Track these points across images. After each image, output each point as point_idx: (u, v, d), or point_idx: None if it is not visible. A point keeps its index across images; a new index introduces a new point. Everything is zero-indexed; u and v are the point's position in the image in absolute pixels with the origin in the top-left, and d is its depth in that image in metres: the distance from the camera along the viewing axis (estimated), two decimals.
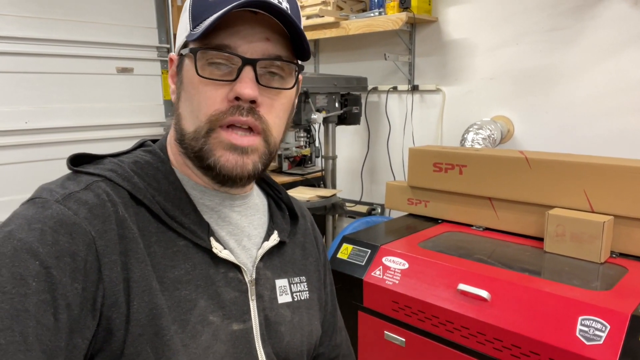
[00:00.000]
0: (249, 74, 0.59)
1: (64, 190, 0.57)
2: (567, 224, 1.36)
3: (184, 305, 0.59)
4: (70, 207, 0.55)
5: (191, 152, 0.62)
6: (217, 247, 0.64)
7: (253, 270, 0.68)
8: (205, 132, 0.61)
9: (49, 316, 0.49)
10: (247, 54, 0.60)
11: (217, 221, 0.67)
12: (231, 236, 0.68)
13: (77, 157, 0.63)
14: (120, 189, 0.60)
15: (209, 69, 0.60)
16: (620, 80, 1.79)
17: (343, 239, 1.56)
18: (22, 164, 2.40)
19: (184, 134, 0.63)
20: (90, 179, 0.60)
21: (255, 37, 0.60)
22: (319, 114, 2.14)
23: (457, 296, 1.23)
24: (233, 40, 0.59)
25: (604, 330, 1.02)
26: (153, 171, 0.64)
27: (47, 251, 0.51)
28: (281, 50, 0.62)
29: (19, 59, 2.37)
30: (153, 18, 2.88)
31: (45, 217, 0.53)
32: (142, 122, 2.83)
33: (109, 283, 0.54)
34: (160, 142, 0.71)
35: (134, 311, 0.55)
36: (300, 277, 0.75)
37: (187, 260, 0.62)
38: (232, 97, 0.60)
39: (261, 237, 0.72)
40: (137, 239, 0.58)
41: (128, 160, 0.65)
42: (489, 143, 1.89)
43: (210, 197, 0.67)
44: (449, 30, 2.22)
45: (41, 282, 0.50)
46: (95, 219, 0.56)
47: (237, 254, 0.67)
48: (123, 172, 0.62)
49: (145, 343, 0.55)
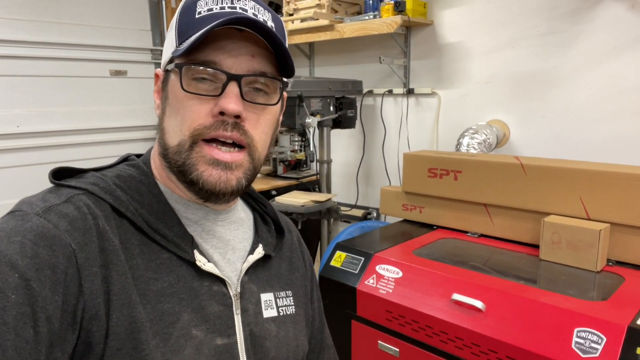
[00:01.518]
0: (233, 89, 0.60)
1: (45, 203, 0.57)
2: (563, 232, 1.34)
3: (166, 318, 0.59)
4: (50, 219, 0.55)
5: (174, 166, 0.62)
6: (200, 260, 0.63)
7: (238, 283, 0.67)
8: (188, 145, 0.61)
9: (29, 329, 0.49)
10: (232, 69, 0.60)
11: (201, 234, 0.66)
12: (215, 249, 0.67)
13: (59, 170, 0.63)
14: (102, 202, 0.60)
15: (194, 84, 0.61)
16: (617, 84, 1.77)
17: (336, 246, 1.54)
18: (14, 168, 2.37)
19: (167, 148, 0.63)
20: (71, 192, 0.60)
21: (241, 54, 0.61)
22: (314, 117, 2.12)
23: (451, 306, 1.21)
24: (218, 56, 0.60)
25: (600, 342, 1.00)
26: (136, 184, 0.64)
27: (27, 264, 0.50)
28: (266, 66, 0.63)
29: (11, 62, 2.35)
30: (147, 20, 2.86)
31: (25, 229, 0.53)
32: (135, 125, 2.80)
33: (89, 296, 0.54)
34: (144, 156, 0.71)
35: (113, 324, 0.54)
36: (286, 291, 0.74)
37: (171, 273, 0.61)
38: (216, 112, 0.60)
39: (246, 250, 0.71)
40: (118, 252, 0.57)
41: (111, 174, 0.64)
42: (484, 147, 1.87)
43: (193, 210, 0.67)
44: (444, 34, 2.21)
45: (20, 295, 0.49)
46: (76, 231, 0.55)
47: (222, 267, 0.66)
48: (105, 185, 0.61)
49: (124, 357, 0.54)
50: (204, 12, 0.61)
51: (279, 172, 2.62)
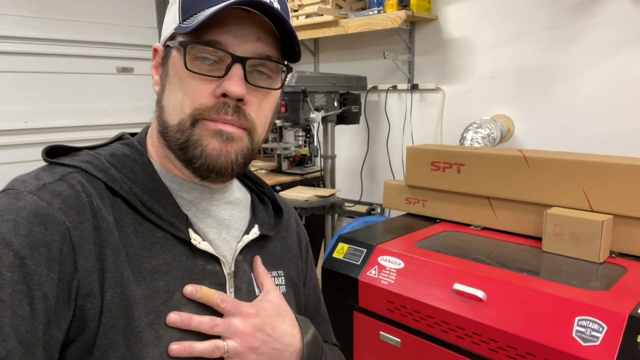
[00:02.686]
0: (237, 71, 0.59)
1: (38, 181, 0.57)
2: (565, 224, 1.33)
3: (161, 295, 0.59)
4: (44, 197, 0.54)
5: (175, 145, 0.62)
6: (195, 238, 0.63)
7: (232, 263, 0.67)
8: (189, 124, 0.60)
9: (25, 306, 0.49)
10: (237, 51, 0.59)
11: (195, 214, 0.66)
12: (210, 228, 0.67)
13: (53, 148, 0.63)
14: (95, 180, 0.60)
15: (197, 63, 0.60)
16: (621, 79, 1.77)
17: (339, 238, 1.54)
18: (22, 164, 2.40)
19: (167, 126, 0.63)
20: (64, 170, 0.59)
21: (247, 36, 0.60)
22: (318, 113, 2.12)
23: (452, 296, 1.22)
24: (224, 37, 0.59)
25: (601, 331, 0.99)
26: (130, 163, 0.64)
27: (21, 242, 0.51)
28: (271, 50, 0.62)
29: (19, 59, 2.37)
30: (153, 17, 2.88)
31: (19, 208, 0.53)
32: (141, 121, 2.82)
33: (83, 273, 0.54)
34: (139, 135, 0.71)
35: (107, 302, 0.55)
36: (277, 270, 0.74)
37: (166, 251, 0.61)
38: (219, 94, 0.59)
39: (242, 230, 0.71)
40: (112, 230, 0.57)
41: (105, 152, 0.64)
42: (488, 142, 1.87)
43: (189, 190, 0.67)
44: (448, 29, 2.21)
45: (15, 273, 0.49)
46: (70, 209, 0.55)
47: (217, 246, 0.67)
48: (99, 163, 0.61)
49: (117, 334, 0.55)
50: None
51: (283, 168, 2.63)
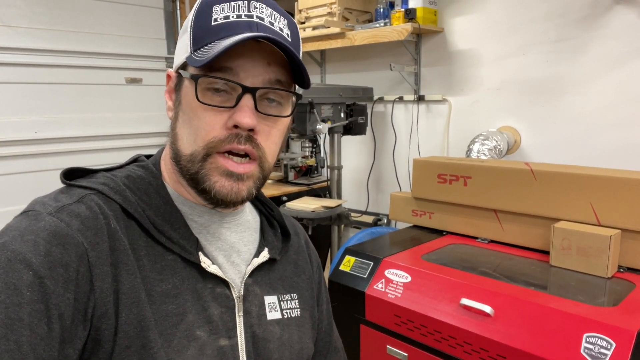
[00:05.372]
0: (248, 102, 0.60)
1: (57, 203, 0.58)
2: (573, 238, 1.33)
3: (170, 319, 0.59)
4: (62, 219, 0.56)
5: (187, 174, 0.63)
6: (205, 261, 0.64)
7: (241, 286, 0.68)
8: (202, 157, 0.61)
9: (43, 325, 0.50)
10: (247, 80, 0.60)
11: (206, 237, 0.67)
12: (220, 252, 0.68)
13: (71, 171, 0.65)
14: (112, 202, 0.61)
15: (209, 95, 0.61)
16: (628, 91, 1.76)
17: (345, 251, 1.55)
18: (32, 173, 2.43)
19: (180, 155, 0.64)
20: (82, 192, 0.61)
21: (257, 62, 0.61)
22: (324, 124, 2.14)
23: (460, 311, 1.21)
24: (234, 63, 0.60)
25: (609, 348, 0.99)
26: (145, 186, 0.65)
27: (41, 262, 0.52)
28: (281, 74, 0.63)
29: (30, 70, 2.41)
30: (162, 29, 2.92)
31: (39, 228, 0.54)
32: (150, 131, 2.85)
33: (99, 294, 0.55)
34: (154, 157, 0.72)
35: (122, 323, 0.55)
36: (291, 294, 0.74)
37: (175, 274, 0.62)
38: (230, 125, 0.60)
39: (251, 253, 0.71)
40: (127, 251, 0.58)
41: (121, 174, 0.66)
42: (495, 154, 1.87)
43: (200, 213, 0.68)
44: (454, 41, 2.22)
45: (35, 292, 0.50)
46: (88, 230, 0.56)
47: (226, 269, 0.67)
48: (115, 185, 0.63)
49: (132, 355, 0.55)
50: (220, 20, 0.61)
51: (290, 179, 2.64)
